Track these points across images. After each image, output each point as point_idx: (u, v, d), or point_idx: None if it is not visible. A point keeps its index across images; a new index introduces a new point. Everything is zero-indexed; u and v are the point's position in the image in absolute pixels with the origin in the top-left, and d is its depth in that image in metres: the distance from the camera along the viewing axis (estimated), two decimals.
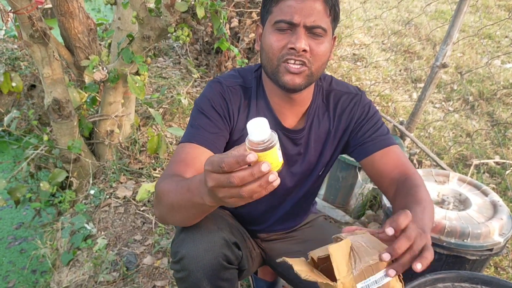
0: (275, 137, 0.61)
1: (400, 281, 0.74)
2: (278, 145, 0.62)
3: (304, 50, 0.90)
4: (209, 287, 0.91)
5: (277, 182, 0.59)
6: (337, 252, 0.70)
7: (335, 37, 1.01)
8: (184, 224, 0.89)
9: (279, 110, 1.03)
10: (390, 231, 0.72)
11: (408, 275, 0.78)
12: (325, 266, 0.77)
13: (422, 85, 3.46)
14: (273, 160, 0.61)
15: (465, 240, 1.36)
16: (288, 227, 1.25)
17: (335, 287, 0.68)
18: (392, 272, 0.71)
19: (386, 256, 0.70)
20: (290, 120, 1.05)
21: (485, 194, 1.57)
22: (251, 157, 0.56)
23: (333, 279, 0.69)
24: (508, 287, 0.85)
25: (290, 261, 0.74)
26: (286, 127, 1.04)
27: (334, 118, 1.08)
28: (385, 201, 1.56)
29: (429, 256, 0.71)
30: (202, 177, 0.64)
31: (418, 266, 0.70)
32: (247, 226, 1.20)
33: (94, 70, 1.85)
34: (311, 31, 0.91)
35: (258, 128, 0.60)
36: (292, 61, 0.91)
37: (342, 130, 1.08)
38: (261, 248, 1.25)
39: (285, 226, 1.24)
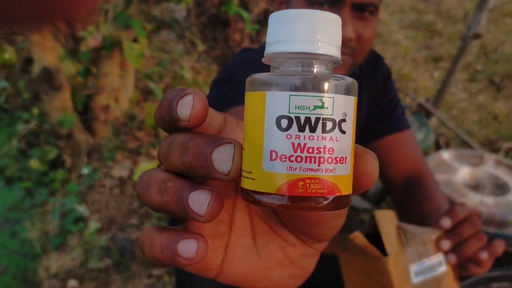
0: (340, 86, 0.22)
1: (455, 279, 0.59)
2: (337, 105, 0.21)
3: (351, 39, 0.65)
4: None
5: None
6: (385, 220, 0.54)
7: None
8: None
9: None
10: (446, 221, 0.56)
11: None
12: None
13: (443, 64, 3.25)
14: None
15: (505, 230, 1.20)
16: None
17: (386, 262, 0.52)
18: (452, 257, 0.56)
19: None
20: None
21: None
22: (187, 99, 0.22)
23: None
24: None
25: None
26: None
27: (362, 97, 0.88)
28: None
29: (499, 247, 0.56)
30: None
31: (484, 255, 0.56)
32: None
33: (88, 38, 1.69)
34: (360, 9, 0.66)
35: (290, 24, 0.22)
36: None
37: (367, 108, 0.89)
38: None
39: None
